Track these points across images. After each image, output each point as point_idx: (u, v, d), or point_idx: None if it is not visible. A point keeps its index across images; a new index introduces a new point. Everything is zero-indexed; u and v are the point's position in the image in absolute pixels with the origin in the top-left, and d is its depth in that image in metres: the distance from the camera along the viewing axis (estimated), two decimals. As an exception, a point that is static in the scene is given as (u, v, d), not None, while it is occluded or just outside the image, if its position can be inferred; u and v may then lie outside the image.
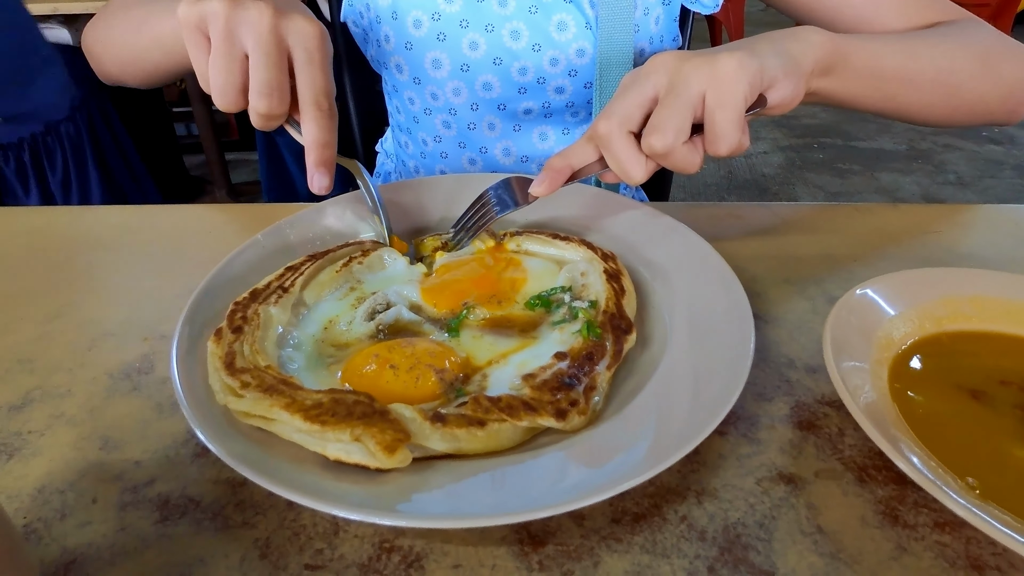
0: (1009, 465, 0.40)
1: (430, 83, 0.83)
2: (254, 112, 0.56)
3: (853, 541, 0.38)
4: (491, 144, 0.88)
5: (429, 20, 0.78)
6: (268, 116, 0.56)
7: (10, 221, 0.76)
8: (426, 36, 0.79)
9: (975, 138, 4.15)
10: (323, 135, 0.57)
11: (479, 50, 0.80)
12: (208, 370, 0.45)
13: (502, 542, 0.38)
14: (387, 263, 0.59)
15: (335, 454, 0.38)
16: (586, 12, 0.79)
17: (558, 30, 0.79)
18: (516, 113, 0.86)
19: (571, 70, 0.81)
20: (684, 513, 0.40)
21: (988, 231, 0.72)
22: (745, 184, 3.54)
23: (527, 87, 0.82)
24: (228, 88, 0.55)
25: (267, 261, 0.58)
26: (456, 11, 0.78)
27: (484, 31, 0.78)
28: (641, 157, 0.53)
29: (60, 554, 0.38)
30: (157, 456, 0.44)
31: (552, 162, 0.56)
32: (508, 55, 0.80)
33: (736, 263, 0.56)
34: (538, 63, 0.80)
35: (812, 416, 0.47)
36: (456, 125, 0.88)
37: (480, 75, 0.81)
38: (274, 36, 0.54)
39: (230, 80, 0.55)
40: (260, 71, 0.54)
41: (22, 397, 0.50)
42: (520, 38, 0.79)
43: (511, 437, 0.42)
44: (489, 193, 0.61)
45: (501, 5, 0.78)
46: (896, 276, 0.50)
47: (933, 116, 0.72)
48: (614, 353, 0.48)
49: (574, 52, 0.80)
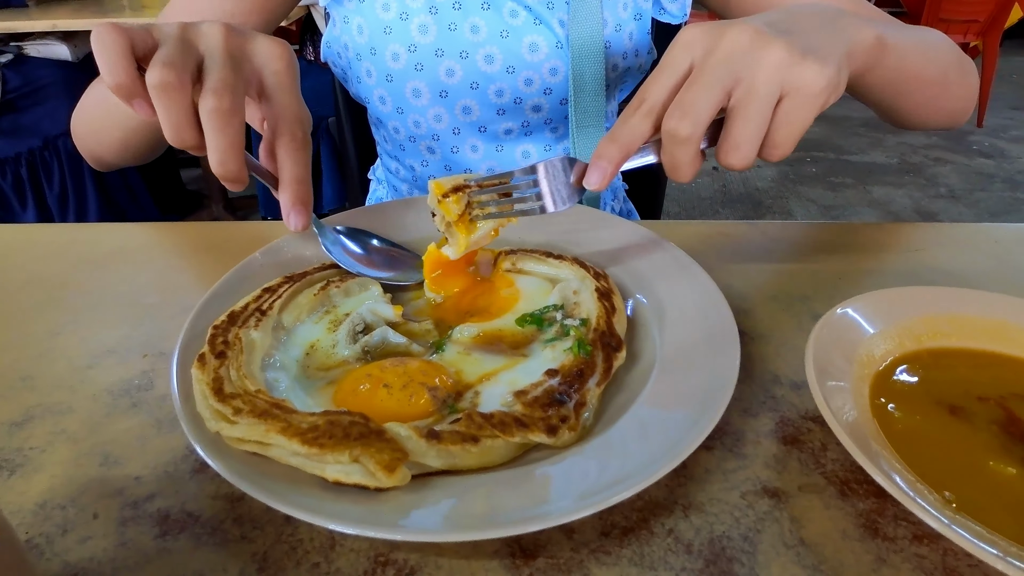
0: (984, 479, 0.41)
1: (412, 111, 0.87)
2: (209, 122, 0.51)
3: (834, 553, 0.40)
4: (475, 166, 0.92)
5: (406, 52, 0.81)
6: (223, 123, 0.51)
7: (12, 238, 0.77)
8: (405, 68, 0.82)
9: (966, 152, 4.19)
10: (299, 170, 0.57)
11: (456, 76, 0.83)
12: (196, 398, 0.45)
13: (494, 555, 0.39)
14: (363, 291, 0.59)
15: (335, 476, 0.39)
16: (556, 32, 0.82)
17: (530, 51, 0.82)
18: (497, 134, 0.89)
19: (546, 88, 0.84)
20: (671, 526, 0.41)
21: (970, 249, 0.73)
22: (739, 198, 3.57)
23: (505, 108, 0.86)
24: (178, 111, 0.51)
25: (265, 279, 0.58)
26: (431, 41, 0.81)
27: (459, 58, 0.82)
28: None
29: (62, 569, 0.39)
30: (157, 472, 0.45)
31: (606, 151, 0.50)
32: (484, 79, 0.83)
33: (723, 280, 0.58)
34: (513, 84, 0.84)
35: (796, 431, 0.48)
36: (440, 150, 0.91)
37: (459, 100, 0.85)
38: (230, 43, 0.53)
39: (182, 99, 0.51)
40: (215, 71, 0.52)
41: (23, 414, 0.51)
42: (494, 62, 0.82)
43: (503, 453, 0.43)
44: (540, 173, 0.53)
45: (473, 31, 0.81)
46: (875, 295, 0.51)
47: (917, 116, 0.75)
48: (604, 370, 0.49)
49: (547, 71, 0.83)
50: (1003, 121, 4.68)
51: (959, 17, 4.24)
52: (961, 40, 4.40)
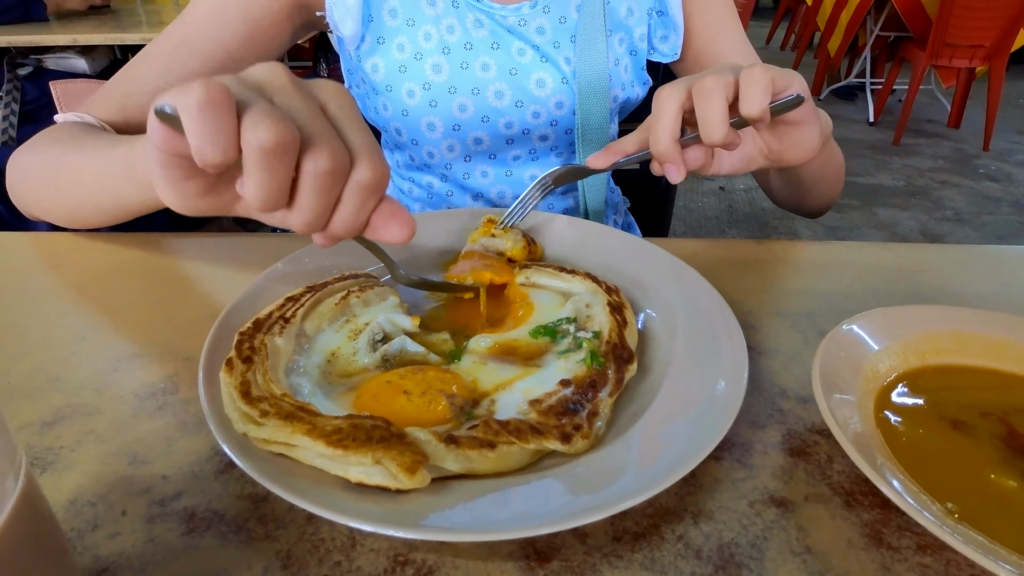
0: (986, 491, 0.43)
1: (427, 143, 0.91)
2: (315, 184, 0.39)
3: (840, 562, 0.41)
4: (485, 189, 0.96)
5: (421, 90, 0.86)
6: (332, 184, 0.40)
7: (33, 246, 0.79)
8: (420, 104, 0.86)
9: (972, 175, 4.21)
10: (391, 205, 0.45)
11: (468, 111, 0.87)
12: (224, 400, 0.47)
13: (509, 557, 0.41)
14: (382, 301, 0.61)
15: (357, 477, 0.41)
16: (562, 69, 0.87)
17: (537, 87, 0.87)
18: (506, 160, 0.94)
19: (552, 120, 0.90)
20: (681, 533, 0.43)
21: (972, 270, 0.75)
22: (745, 218, 3.59)
23: (514, 138, 0.91)
24: (286, 174, 0.38)
25: (287, 288, 0.60)
26: (444, 80, 0.85)
27: (471, 94, 0.86)
28: None
29: (93, 562, 0.40)
30: (182, 472, 0.47)
31: (610, 145, 0.64)
32: (494, 113, 0.88)
33: (731, 297, 0.59)
34: (522, 117, 0.89)
35: (803, 443, 0.50)
36: (452, 177, 0.96)
37: (471, 132, 0.89)
38: (304, 91, 0.41)
39: (292, 160, 0.38)
40: (314, 124, 0.39)
41: (53, 414, 0.52)
42: (504, 97, 0.87)
43: (519, 459, 0.44)
44: (548, 177, 0.69)
45: (484, 69, 0.86)
46: (880, 312, 0.53)
47: (813, 200, 0.88)
48: (616, 381, 0.50)
49: (553, 105, 0.88)
50: (1009, 145, 4.70)
51: (965, 42, 4.28)
52: (967, 65, 4.43)
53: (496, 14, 0.85)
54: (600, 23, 0.86)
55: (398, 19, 0.85)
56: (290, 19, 0.86)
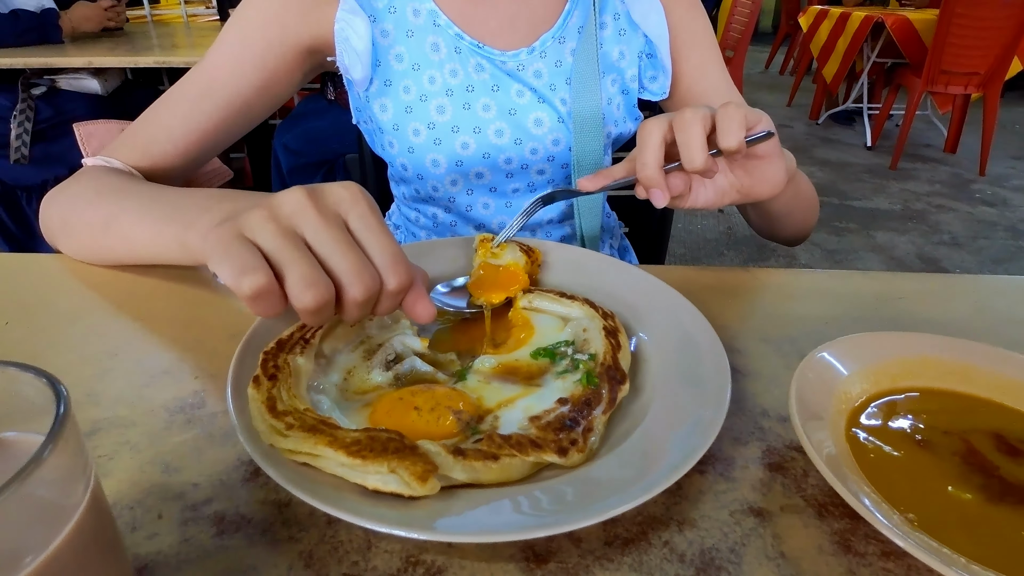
0: (944, 502, 0.47)
1: (431, 178, 0.97)
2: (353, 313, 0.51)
3: (811, 566, 0.45)
4: (487, 219, 1.03)
5: (426, 129, 0.92)
6: (366, 311, 0.52)
7: (62, 267, 0.84)
8: (424, 142, 0.93)
9: (968, 199, 4.26)
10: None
11: (470, 149, 0.93)
12: (252, 413, 0.51)
13: (510, 559, 0.45)
14: (394, 323, 0.65)
15: (374, 484, 0.45)
16: (558, 109, 0.93)
17: (535, 126, 0.93)
18: (506, 192, 1.00)
19: (549, 156, 0.96)
20: (667, 539, 0.47)
21: (947, 298, 0.79)
22: (743, 240, 3.64)
23: (513, 172, 0.97)
24: (318, 278, 0.48)
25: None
26: (448, 120, 0.92)
27: (473, 133, 0.92)
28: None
29: (134, 560, 0.45)
30: (212, 479, 0.51)
31: (600, 172, 0.70)
32: (495, 150, 0.94)
33: (719, 322, 0.64)
34: (520, 154, 0.95)
35: (781, 459, 0.54)
36: (456, 208, 1.02)
37: (472, 168, 0.95)
38: (328, 213, 0.50)
39: (313, 270, 0.48)
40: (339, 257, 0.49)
41: (91, 426, 0.57)
42: (503, 136, 0.93)
43: (520, 470, 0.49)
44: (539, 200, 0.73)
45: (485, 110, 0.92)
46: (850, 339, 0.57)
47: (785, 231, 0.95)
48: (609, 400, 0.55)
49: (550, 142, 0.95)
50: (1005, 170, 4.76)
51: (960, 69, 4.36)
52: (963, 91, 4.51)
53: (496, 59, 0.92)
54: (594, 66, 0.92)
55: (404, 64, 0.91)
56: (301, 66, 0.92)
